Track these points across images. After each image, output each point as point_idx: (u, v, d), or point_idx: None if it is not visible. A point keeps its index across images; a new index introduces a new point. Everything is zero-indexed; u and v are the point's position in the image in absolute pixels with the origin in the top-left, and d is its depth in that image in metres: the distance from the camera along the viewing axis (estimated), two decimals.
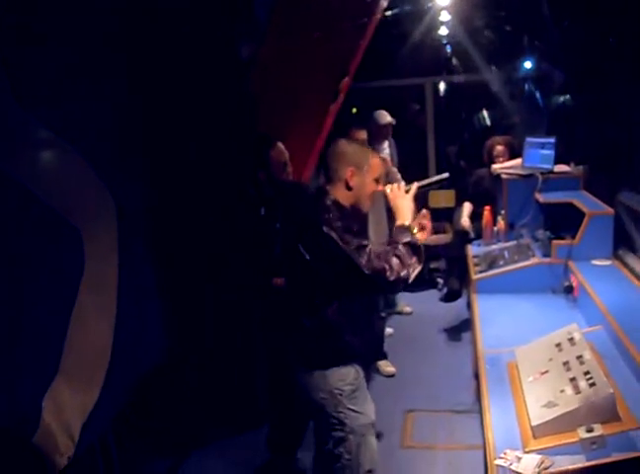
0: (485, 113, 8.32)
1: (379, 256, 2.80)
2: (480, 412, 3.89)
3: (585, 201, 4.33)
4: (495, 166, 5.35)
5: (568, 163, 5.07)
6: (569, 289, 3.91)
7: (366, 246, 2.81)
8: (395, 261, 2.80)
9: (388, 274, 2.77)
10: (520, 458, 2.37)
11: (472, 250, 4.98)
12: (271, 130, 4.35)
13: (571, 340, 2.96)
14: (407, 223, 2.96)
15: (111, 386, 3.38)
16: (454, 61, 8.32)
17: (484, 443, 2.93)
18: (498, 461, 2.39)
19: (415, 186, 3.10)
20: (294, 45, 4.27)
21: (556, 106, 7.96)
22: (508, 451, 2.43)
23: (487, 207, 5.10)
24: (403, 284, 2.86)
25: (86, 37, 3.35)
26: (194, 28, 3.95)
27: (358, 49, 4.47)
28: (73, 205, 3.16)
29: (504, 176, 4.99)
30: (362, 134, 4.95)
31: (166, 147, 4.06)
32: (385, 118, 6.19)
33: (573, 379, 2.65)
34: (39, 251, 2.89)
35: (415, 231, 2.96)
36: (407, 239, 2.89)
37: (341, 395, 2.99)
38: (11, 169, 2.73)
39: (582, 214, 4.14)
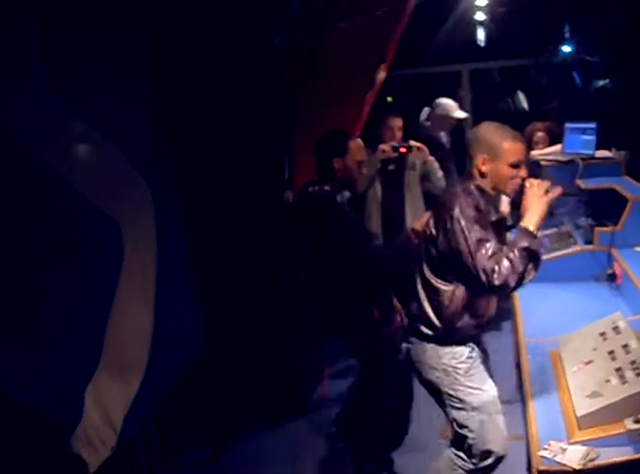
0: (521, 95, 8.11)
1: (493, 255, 2.70)
2: (522, 402, 3.85)
3: (628, 187, 4.23)
4: (534, 152, 5.26)
5: (609, 148, 4.96)
6: (612, 277, 3.83)
7: (487, 241, 2.74)
8: (506, 264, 2.66)
9: (495, 276, 2.66)
10: (564, 450, 2.33)
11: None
12: (306, 121, 4.33)
13: (615, 328, 2.90)
14: (532, 228, 2.79)
15: (151, 377, 3.41)
16: (491, 47, 8.17)
17: (527, 434, 2.88)
18: (542, 452, 2.35)
19: (558, 190, 2.93)
20: (329, 33, 4.24)
21: (595, 90, 7.81)
22: (552, 443, 2.38)
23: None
24: (509, 290, 2.78)
25: (121, 28, 3.37)
26: (228, 17, 3.94)
27: (393, 36, 4.41)
28: (110, 197, 3.18)
29: (543, 163, 4.90)
30: (398, 122, 4.87)
31: (200, 136, 4.07)
32: (456, 111, 5.74)
33: (619, 369, 2.59)
34: (78, 244, 2.92)
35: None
36: (525, 244, 2.73)
37: (457, 373, 2.99)
38: (51, 161, 2.75)
39: (624, 200, 4.05)
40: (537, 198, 2.86)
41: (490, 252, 2.70)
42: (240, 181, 4.20)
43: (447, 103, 5.76)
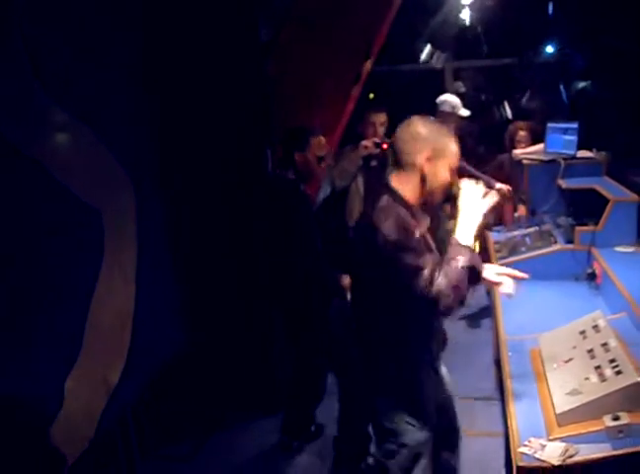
0: (507, 105, 8.15)
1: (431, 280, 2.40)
2: (501, 399, 3.89)
3: (608, 187, 4.27)
4: (516, 151, 5.30)
5: (591, 149, 5.00)
6: (592, 276, 3.86)
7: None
8: (446, 290, 2.41)
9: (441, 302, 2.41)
10: (544, 446, 2.34)
11: (493, 236, 4.94)
12: (290, 115, 4.32)
13: (595, 327, 2.93)
14: (468, 241, 2.52)
15: (131, 370, 3.40)
16: (475, 45, 8.20)
17: (506, 431, 2.91)
18: (522, 449, 2.36)
19: (494, 195, 2.63)
20: (315, 28, 4.23)
21: (577, 91, 7.87)
22: (532, 439, 2.40)
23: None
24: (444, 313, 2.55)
25: (104, 20, 3.35)
26: (215, 10, 3.92)
27: (379, 32, 4.41)
28: (92, 188, 3.16)
29: (525, 161, 4.94)
30: (381, 118, 4.86)
31: (183, 129, 4.05)
32: (465, 110, 5.75)
33: (598, 367, 2.62)
34: (59, 233, 2.90)
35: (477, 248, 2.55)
36: (464, 263, 2.45)
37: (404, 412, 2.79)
38: (36, 155, 2.73)
39: (605, 200, 4.08)
40: (473, 205, 2.58)
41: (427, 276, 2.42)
42: (223, 175, 4.18)
43: (454, 99, 5.75)
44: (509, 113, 8.07)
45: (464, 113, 5.73)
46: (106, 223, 3.25)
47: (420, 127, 2.63)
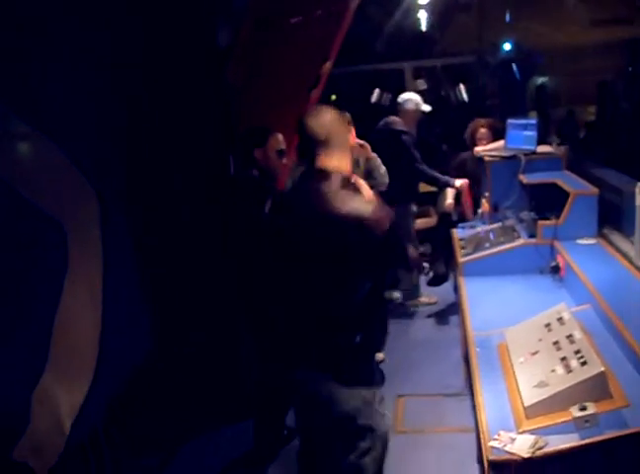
0: (462, 87, 8.22)
1: None
2: (470, 394, 3.92)
3: (568, 181, 4.33)
4: (477, 148, 5.35)
5: (550, 144, 5.08)
6: (555, 269, 3.92)
7: None
8: None
9: None
10: (513, 439, 2.37)
11: (458, 233, 4.98)
12: (250, 119, 4.31)
13: (560, 319, 2.97)
14: None
15: (99, 382, 3.35)
16: (433, 45, 8.27)
17: (477, 426, 2.94)
18: (492, 443, 2.38)
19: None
20: (273, 31, 4.22)
21: (535, 87, 7.99)
22: (501, 433, 2.42)
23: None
24: None
25: (62, 26, 3.30)
26: (171, 14, 3.89)
27: (338, 33, 4.42)
28: (54, 200, 3.11)
29: (487, 158, 4.99)
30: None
31: (145, 138, 4.01)
32: (414, 103, 5.97)
33: (564, 359, 2.65)
34: (22, 247, 2.85)
35: None
36: None
37: (374, 399, 2.82)
38: None
39: (566, 194, 4.15)
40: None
41: None
42: (185, 181, 4.16)
43: (416, 97, 5.99)
44: (464, 95, 8.15)
45: (426, 108, 5.83)
46: (69, 235, 3.21)
47: (329, 112, 2.89)
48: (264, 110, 4.36)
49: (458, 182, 5.58)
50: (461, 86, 8.18)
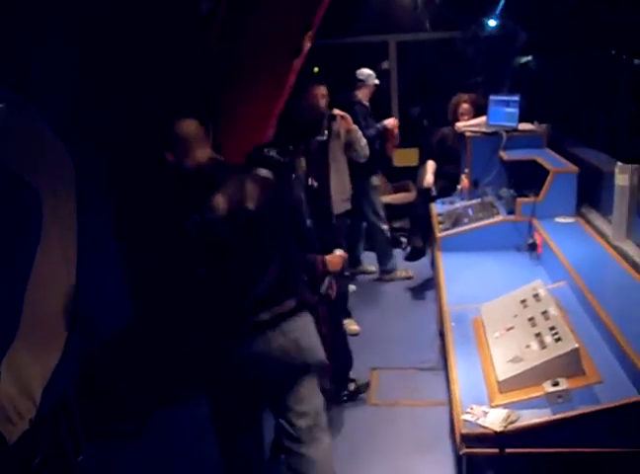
0: None
1: None
2: (445, 369, 3.94)
3: (549, 159, 4.33)
4: (459, 124, 5.32)
5: (532, 121, 5.06)
6: (533, 247, 3.93)
7: None
8: None
9: None
10: (486, 413, 2.38)
11: (437, 208, 4.98)
12: (232, 88, 4.24)
13: (536, 296, 2.98)
14: None
15: (72, 349, 3.33)
16: (418, 18, 8.17)
17: (450, 399, 2.95)
18: (465, 416, 2.40)
19: None
20: None
21: (519, 65, 7.95)
22: (474, 406, 2.43)
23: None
24: None
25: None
26: None
27: (321, 3, 4.35)
28: (30, 164, 3.07)
29: (468, 134, 4.97)
30: (323, 90, 4.86)
31: (124, 104, 3.95)
32: (374, 79, 6.18)
33: (538, 334, 2.67)
34: None
35: None
36: None
37: None
38: None
39: (546, 172, 4.15)
40: None
41: None
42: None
43: (370, 72, 6.19)
44: None
45: (377, 81, 6.24)
46: (45, 203, 3.16)
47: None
48: (245, 79, 4.30)
49: (386, 121, 5.84)
50: None
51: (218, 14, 4.24)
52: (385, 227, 6.18)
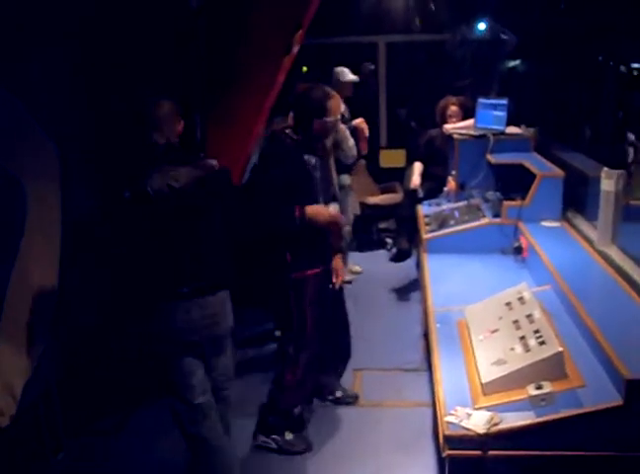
0: None
1: None
2: (429, 370, 3.94)
3: (535, 163, 4.35)
4: (447, 126, 5.34)
5: (519, 125, 5.09)
6: (518, 250, 3.95)
7: None
8: None
9: None
10: (470, 415, 2.39)
11: (423, 210, 4.98)
12: (221, 84, 4.23)
13: (521, 299, 2.99)
14: None
15: (53, 344, 3.30)
16: (408, 20, 8.19)
17: (433, 401, 2.95)
18: (448, 418, 2.40)
19: None
20: None
21: (508, 69, 7.98)
22: (458, 408, 2.44)
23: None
24: None
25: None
26: None
27: (311, 2, 4.34)
28: (13, 155, 3.04)
29: (456, 136, 4.98)
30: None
31: (111, 97, 3.91)
32: (347, 75, 6.11)
33: (522, 338, 2.68)
34: None
35: None
36: None
37: None
38: None
39: (532, 176, 4.17)
40: None
41: None
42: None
43: (339, 69, 6.14)
44: None
45: (352, 77, 6.13)
46: (29, 196, 3.13)
47: None
48: (234, 75, 4.28)
49: (354, 121, 5.57)
50: None
51: (208, 10, 4.23)
52: (347, 229, 6.10)
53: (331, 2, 5.34)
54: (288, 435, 3.77)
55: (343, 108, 5.89)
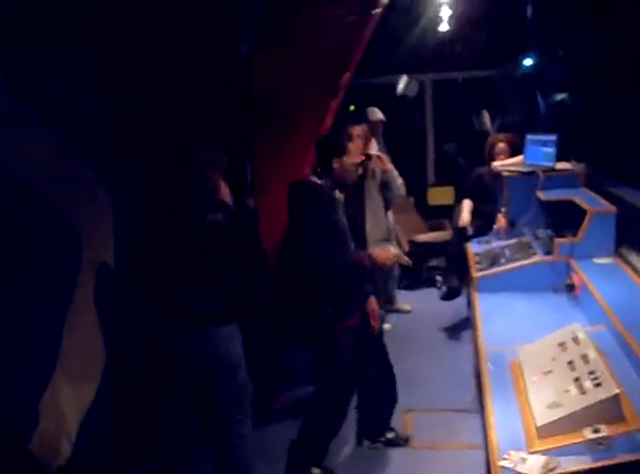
0: (486, 114, 8.11)
1: None
2: (481, 411, 3.88)
3: (586, 199, 4.30)
4: (495, 163, 5.32)
5: (569, 160, 5.04)
6: (570, 288, 3.88)
7: None
8: None
9: None
10: (524, 459, 2.33)
11: (473, 248, 4.95)
12: (272, 128, 4.30)
13: (575, 339, 2.93)
14: None
15: (107, 383, 3.34)
16: (455, 58, 8.23)
17: (486, 444, 2.89)
18: (502, 462, 2.35)
19: None
20: (293, 40, 4.22)
21: (555, 103, 7.94)
22: (512, 452, 2.39)
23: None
24: None
25: (81, 28, 3.30)
26: (194, 23, 3.90)
27: (358, 45, 4.42)
28: (69, 201, 3.10)
29: (505, 173, 4.96)
30: (359, 130, 4.91)
31: (162, 145, 4.01)
32: (376, 114, 6.22)
33: (577, 379, 2.61)
34: (36, 248, 2.84)
35: None
36: None
37: None
38: (14, 170, 2.68)
39: (583, 212, 4.11)
40: None
41: None
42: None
43: (368, 109, 6.30)
44: (488, 124, 8.03)
45: (380, 116, 6.31)
46: (83, 237, 3.20)
47: None
48: (283, 118, 4.36)
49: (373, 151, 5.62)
50: (485, 112, 8.02)
51: (257, 55, 4.33)
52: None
53: (377, 43, 5.42)
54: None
55: (375, 147, 5.96)
